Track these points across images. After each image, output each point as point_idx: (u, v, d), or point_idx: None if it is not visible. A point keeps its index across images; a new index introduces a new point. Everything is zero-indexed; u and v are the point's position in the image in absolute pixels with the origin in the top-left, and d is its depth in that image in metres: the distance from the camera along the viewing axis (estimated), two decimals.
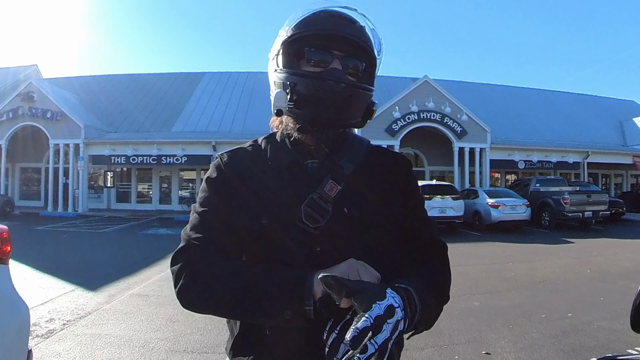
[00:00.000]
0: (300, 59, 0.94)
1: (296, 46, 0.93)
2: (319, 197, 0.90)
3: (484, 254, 9.24)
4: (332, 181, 0.92)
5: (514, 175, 23.05)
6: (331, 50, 0.92)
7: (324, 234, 0.89)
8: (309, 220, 0.88)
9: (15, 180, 22.41)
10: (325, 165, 0.95)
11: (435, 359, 3.57)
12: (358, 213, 0.93)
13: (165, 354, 3.69)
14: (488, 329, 4.35)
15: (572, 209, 14.21)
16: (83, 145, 19.61)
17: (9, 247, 2.42)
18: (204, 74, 28.52)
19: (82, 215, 18.35)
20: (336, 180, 0.93)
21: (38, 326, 4.29)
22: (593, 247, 10.31)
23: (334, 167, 0.95)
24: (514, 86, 30.09)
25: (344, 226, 0.91)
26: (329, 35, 0.92)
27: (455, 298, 5.35)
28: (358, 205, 0.93)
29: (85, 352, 3.73)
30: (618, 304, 5.11)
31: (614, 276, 6.81)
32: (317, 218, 0.88)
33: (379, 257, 0.93)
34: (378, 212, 0.95)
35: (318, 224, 0.88)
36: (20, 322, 2.40)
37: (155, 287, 6.12)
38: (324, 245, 0.89)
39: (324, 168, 0.95)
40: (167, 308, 4.94)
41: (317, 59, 0.93)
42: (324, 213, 0.89)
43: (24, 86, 20.15)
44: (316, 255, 0.88)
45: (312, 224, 0.88)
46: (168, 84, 26.80)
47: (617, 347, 3.84)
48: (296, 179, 0.94)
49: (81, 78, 27.51)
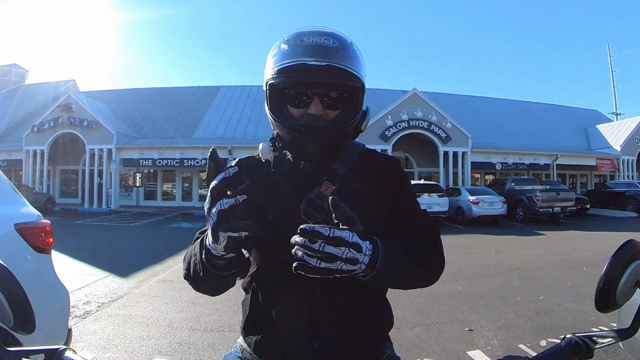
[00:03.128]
0: (286, 97, 0.90)
1: (277, 87, 0.89)
2: (316, 196, 0.89)
3: (466, 245, 9.22)
4: (327, 182, 0.91)
5: (492, 175, 22.94)
6: (312, 89, 0.87)
7: None
8: (308, 217, 0.87)
9: (56, 181, 22.48)
10: (321, 168, 0.94)
11: (424, 336, 3.57)
12: (352, 208, 0.92)
13: (188, 332, 3.70)
14: (470, 310, 4.34)
15: (543, 205, 14.19)
16: (115, 150, 19.65)
17: (52, 238, 2.43)
18: (220, 87, 28.49)
19: (115, 211, 18.39)
20: (331, 181, 0.92)
21: (76, 308, 4.31)
22: (561, 239, 10.27)
23: (329, 169, 0.94)
24: (493, 97, 29.92)
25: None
26: (306, 83, 0.86)
27: (441, 283, 5.31)
28: (351, 202, 0.92)
29: (117, 330, 3.74)
30: (584, 288, 5.10)
31: (580, 263, 6.79)
32: (314, 215, 0.88)
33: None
34: (370, 207, 0.93)
35: (316, 219, 0.87)
36: (61, 304, 2.41)
37: (178, 273, 6.11)
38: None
39: (320, 171, 0.94)
40: (189, 292, 4.92)
41: (297, 102, 0.89)
42: (321, 210, 0.88)
43: (63, 98, 20.21)
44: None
45: (310, 220, 0.87)
46: (189, 96, 26.78)
47: (583, 325, 3.83)
48: (296, 181, 0.93)
49: (113, 91, 27.49)
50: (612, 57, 35.95)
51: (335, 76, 0.85)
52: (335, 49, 0.86)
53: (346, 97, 0.89)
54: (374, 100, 24.01)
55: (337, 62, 0.85)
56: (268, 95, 0.91)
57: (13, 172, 21.17)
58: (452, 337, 3.59)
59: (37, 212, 2.47)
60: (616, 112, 34.36)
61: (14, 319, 0.65)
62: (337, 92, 0.88)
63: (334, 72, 0.85)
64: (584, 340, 0.66)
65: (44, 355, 0.61)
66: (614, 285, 0.68)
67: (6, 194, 2.39)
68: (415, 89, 19.43)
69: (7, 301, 0.64)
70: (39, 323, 0.69)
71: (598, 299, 0.70)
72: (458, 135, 19.29)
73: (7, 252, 2.13)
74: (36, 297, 0.68)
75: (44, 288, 2.28)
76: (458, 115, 21.25)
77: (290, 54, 0.86)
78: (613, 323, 3.66)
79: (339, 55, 0.85)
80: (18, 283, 0.66)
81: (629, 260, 0.69)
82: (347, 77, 0.86)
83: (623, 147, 22.27)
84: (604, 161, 22.39)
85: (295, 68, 0.84)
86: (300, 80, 0.85)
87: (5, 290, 0.64)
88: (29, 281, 1.96)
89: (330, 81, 0.85)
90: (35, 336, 0.73)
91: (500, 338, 3.54)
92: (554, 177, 21.92)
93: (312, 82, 0.86)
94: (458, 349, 3.31)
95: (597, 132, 25.53)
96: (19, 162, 20.26)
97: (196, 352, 3.26)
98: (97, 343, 3.42)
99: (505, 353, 3.23)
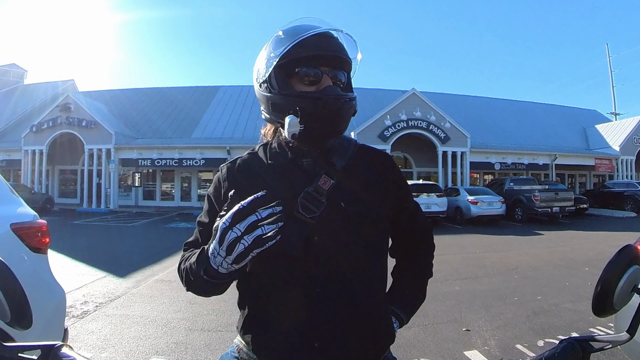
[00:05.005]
0: (291, 78, 0.92)
1: (287, 68, 0.91)
2: (314, 190, 0.89)
3: (464, 245, 9.23)
4: (325, 176, 0.91)
5: (491, 175, 22.95)
6: (319, 67, 0.91)
7: (320, 225, 0.87)
8: (305, 211, 0.87)
9: (54, 181, 22.46)
10: (318, 162, 0.94)
11: (421, 336, 3.57)
12: (350, 203, 0.92)
13: (185, 332, 3.70)
14: (467, 310, 4.34)
15: (542, 205, 14.19)
16: (114, 150, 19.61)
17: (48, 238, 2.42)
18: (219, 88, 28.44)
19: (113, 211, 18.38)
20: (329, 175, 0.92)
21: (74, 308, 4.30)
22: (560, 239, 10.27)
23: (327, 164, 0.94)
24: (492, 97, 29.92)
25: (338, 216, 0.90)
26: (318, 55, 0.90)
27: (439, 283, 5.35)
28: (349, 196, 0.92)
29: (115, 330, 3.74)
30: (582, 288, 5.10)
31: (578, 264, 6.80)
32: (312, 209, 0.87)
33: (371, 244, 0.94)
34: (368, 202, 0.94)
35: (314, 214, 0.87)
36: (56, 304, 2.40)
37: (176, 274, 6.08)
38: (320, 235, 0.88)
39: (318, 165, 0.94)
40: (187, 292, 4.92)
41: (309, 78, 0.91)
42: (319, 204, 0.88)
43: (62, 98, 20.17)
44: (314, 244, 0.87)
45: (308, 214, 0.87)
46: (188, 96, 26.73)
47: (580, 326, 3.83)
48: (293, 175, 0.93)
49: (112, 91, 27.40)
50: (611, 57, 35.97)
51: (344, 51, 0.94)
52: (336, 27, 0.95)
53: (346, 76, 0.96)
54: (372, 100, 24.01)
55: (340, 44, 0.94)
56: (274, 80, 0.93)
57: (12, 172, 21.17)
58: (449, 337, 3.59)
59: (33, 212, 2.47)
60: (615, 112, 34.38)
61: (11, 314, 0.65)
62: (342, 71, 0.95)
63: (342, 47, 0.94)
64: (581, 344, 0.66)
65: (41, 351, 0.61)
66: (611, 289, 0.68)
67: (2, 194, 2.38)
68: (414, 89, 19.41)
69: (4, 296, 0.64)
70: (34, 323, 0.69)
71: (595, 303, 0.70)
72: (457, 135, 19.28)
73: (3, 252, 2.12)
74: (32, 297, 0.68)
75: (39, 288, 2.27)
76: (457, 115, 21.24)
77: (297, 32, 0.91)
78: (611, 323, 3.67)
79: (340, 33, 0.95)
80: (15, 278, 0.66)
81: (627, 265, 0.69)
82: (349, 55, 0.95)
83: (622, 147, 22.29)
84: (602, 161, 22.42)
85: (319, 38, 0.91)
86: (323, 52, 0.91)
87: (2, 284, 0.64)
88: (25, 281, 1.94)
89: (343, 56, 0.93)
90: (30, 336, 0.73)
91: (497, 338, 3.54)
92: (553, 177, 21.92)
93: (331, 55, 0.91)
94: (455, 349, 3.31)
95: (596, 132, 25.54)
96: (18, 162, 20.23)
97: (193, 352, 3.26)
98: (95, 343, 3.42)
99: (502, 353, 3.23)
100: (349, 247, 0.90)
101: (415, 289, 1.09)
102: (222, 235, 0.73)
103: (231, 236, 0.72)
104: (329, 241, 0.88)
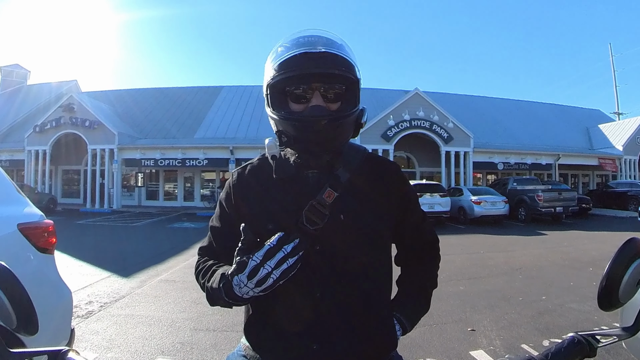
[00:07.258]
0: (286, 96, 0.92)
1: (279, 86, 0.90)
2: (318, 203, 0.90)
3: (468, 245, 9.21)
4: (329, 189, 0.92)
5: (494, 175, 22.91)
6: (311, 83, 0.89)
7: (322, 235, 0.89)
8: (309, 223, 0.88)
9: (58, 181, 22.55)
10: (323, 175, 0.95)
11: (427, 336, 3.56)
12: (353, 215, 0.93)
13: (190, 332, 3.70)
14: (472, 310, 4.34)
15: (545, 205, 14.15)
16: (117, 150, 19.68)
17: (54, 238, 2.43)
18: (222, 87, 28.46)
19: (117, 211, 18.41)
20: (334, 188, 0.92)
21: (79, 308, 4.31)
22: (564, 238, 10.24)
23: (331, 176, 0.94)
24: (495, 97, 29.81)
25: (340, 228, 0.91)
26: (305, 74, 0.88)
27: (443, 283, 5.31)
28: (353, 209, 0.93)
29: (120, 330, 3.74)
30: (586, 288, 5.08)
31: (582, 264, 6.78)
32: (316, 221, 0.89)
33: (372, 255, 0.95)
34: (370, 215, 0.95)
35: (317, 225, 0.89)
36: (64, 305, 2.41)
37: (180, 273, 6.13)
38: (322, 245, 0.90)
39: (323, 177, 0.94)
40: (192, 292, 4.95)
41: (299, 96, 0.90)
42: (322, 217, 0.89)
43: (65, 99, 20.22)
44: (315, 253, 0.89)
45: (312, 226, 0.88)
46: (191, 96, 26.76)
47: (585, 325, 3.82)
48: (298, 188, 0.94)
49: (115, 91, 27.48)
50: (614, 56, 35.73)
51: (336, 65, 0.88)
52: (332, 40, 0.91)
53: (345, 90, 0.92)
54: (375, 100, 23.99)
55: (336, 50, 0.89)
56: (269, 97, 0.93)
57: (15, 173, 21.21)
58: (454, 337, 3.59)
59: (40, 212, 2.47)
60: (618, 112, 34.19)
61: (17, 320, 0.65)
62: (337, 84, 0.91)
63: (335, 61, 0.88)
64: (586, 339, 0.66)
65: (47, 356, 0.61)
66: (616, 283, 0.68)
67: (9, 194, 2.39)
68: (417, 89, 19.41)
69: (10, 303, 0.64)
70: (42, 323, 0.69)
71: (600, 298, 0.70)
72: (460, 135, 19.26)
73: (10, 252, 2.14)
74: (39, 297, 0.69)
75: (47, 288, 2.28)
76: (460, 115, 21.19)
77: (290, 48, 0.89)
78: (616, 323, 3.65)
79: (337, 46, 0.90)
80: (21, 284, 0.66)
81: (632, 258, 0.69)
82: (347, 68, 0.90)
83: (625, 147, 22.20)
84: (606, 161, 22.33)
85: (298, 58, 0.87)
86: (303, 72, 0.87)
87: (8, 291, 0.65)
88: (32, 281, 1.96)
89: (331, 71, 0.88)
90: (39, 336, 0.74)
91: (502, 338, 3.53)
92: (556, 177, 21.86)
93: (314, 73, 0.88)
94: (461, 349, 3.31)
95: (599, 132, 25.45)
96: (21, 162, 20.32)
97: (199, 352, 3.26)
98: (100, 343, 3.42)
99: (507, 353, 3.21)
100: (349, 257, 0.92)
101: (418, 299, 1.09)
102: (254, 271, 0.79)
103: (263, 272, 0.79)
104: (330, 251, 0.90)
